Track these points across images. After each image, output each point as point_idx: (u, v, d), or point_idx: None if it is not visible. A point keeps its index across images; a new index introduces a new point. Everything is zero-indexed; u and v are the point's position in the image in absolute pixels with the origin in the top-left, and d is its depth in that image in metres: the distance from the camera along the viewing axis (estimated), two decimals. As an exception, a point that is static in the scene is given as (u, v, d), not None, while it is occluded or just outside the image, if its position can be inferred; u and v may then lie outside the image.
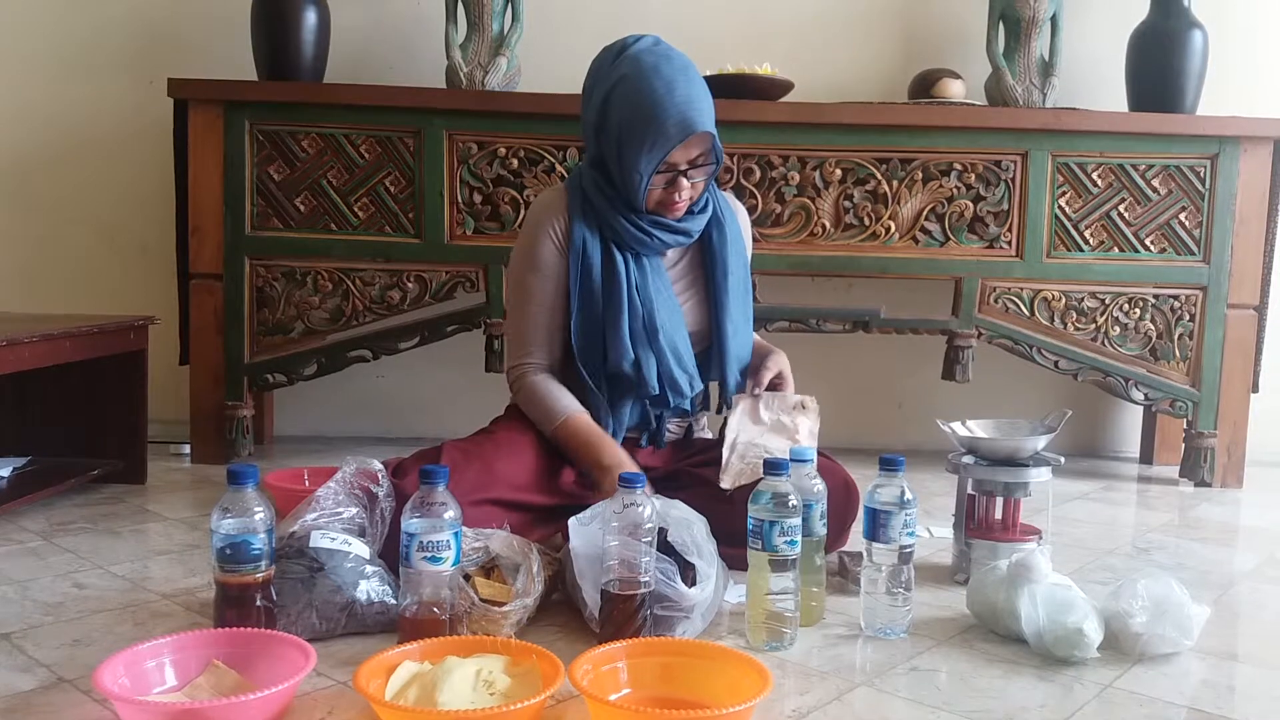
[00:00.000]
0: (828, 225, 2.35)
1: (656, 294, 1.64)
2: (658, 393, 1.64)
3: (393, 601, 1.30)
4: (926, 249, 2.37)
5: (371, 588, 1.30)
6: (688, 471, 1.65)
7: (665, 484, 1.61)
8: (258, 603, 1.21)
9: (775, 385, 1.69)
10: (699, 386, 1.68)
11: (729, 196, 1.81)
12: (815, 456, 1.41)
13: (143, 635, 1.25)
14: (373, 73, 2.61)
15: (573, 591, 1.35)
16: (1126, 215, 2.37)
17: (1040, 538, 1.57)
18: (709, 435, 1.83)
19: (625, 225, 1.61)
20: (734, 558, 1.39)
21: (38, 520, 1.83)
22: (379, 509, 1.41)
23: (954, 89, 2.43)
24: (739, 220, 1.78)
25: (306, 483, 1.89)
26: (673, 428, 1.75)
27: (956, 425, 1.62)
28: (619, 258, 1.62)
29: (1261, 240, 2.38)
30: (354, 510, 1.39)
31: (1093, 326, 2.39)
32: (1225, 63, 2.55)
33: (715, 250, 1.70)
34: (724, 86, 2.33)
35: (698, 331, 1.71)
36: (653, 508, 1.26)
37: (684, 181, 1.57)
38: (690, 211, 1.64)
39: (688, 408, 1.73)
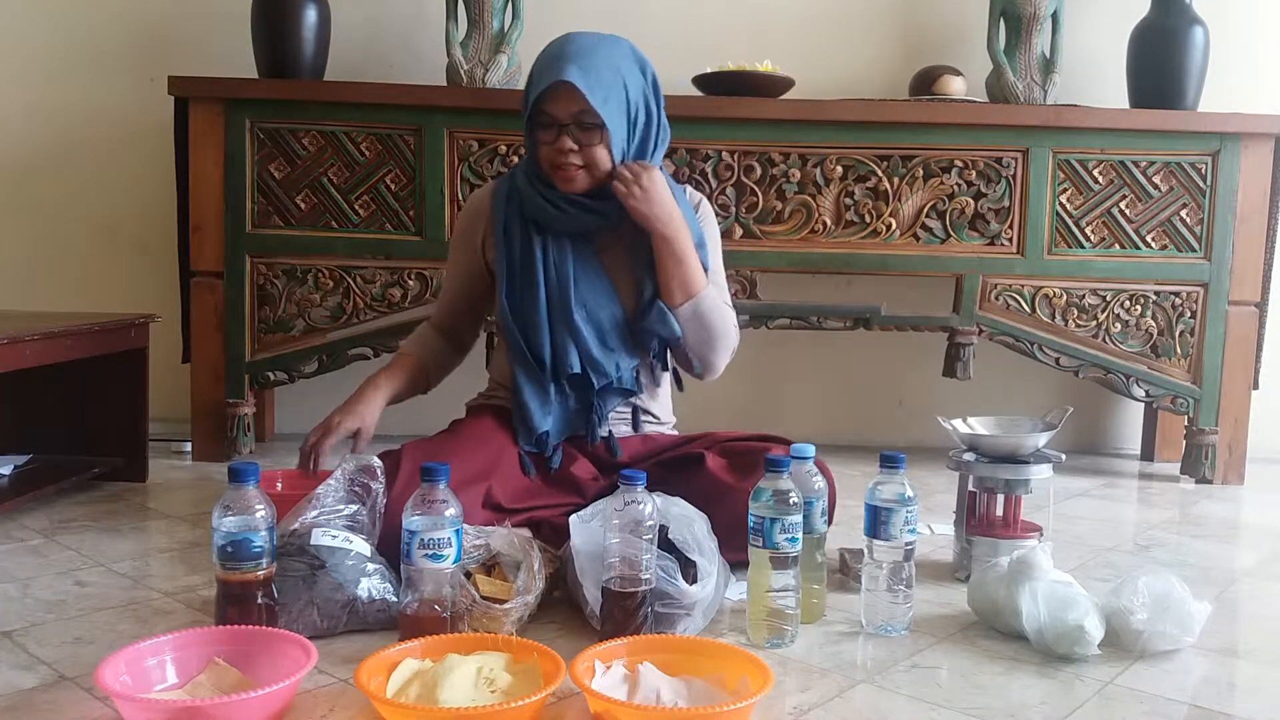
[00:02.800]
0: (828, 222, 2.35)
1: (580, 273, 1.62)
2: (577, 371, 1.60)
3: (394, 599, 1.30)
4: (927, 246, 2.37)
5: (373, 585, 1.30)
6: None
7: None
8: (259, 600, 1.21)
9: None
10: (627, 365, 1.63)
11: (685, 189, 1.76)
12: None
13: (144, 633, 1.25)
14: (373, 70, 2.61)
15: (573, 589, 1.35)
16: (1127, 212, 2.37)
17: (1041, 535, 1.57)
18: (669, 430, 1.76)
19: (540, 202, 1.61)
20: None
21: (39, 518, 1.83)
22: (376, 506, 1.41)
23: (955, 86, 2.43)
24: (690, 203, 1.72)
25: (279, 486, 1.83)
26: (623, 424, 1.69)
27: (957, 422, 1.62)
28: (537, 240, 1.62)
29: (1262, 237, 2.38)
30: (354, 507, 1.39)
31: (1094, 323, 2.39)
32: (1226, 59, 2.55)
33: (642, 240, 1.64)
34: (724, 83, 2.34)
35: (634, 310, 1.64)
36: (654, 505, 1.26)
37: (567, 140, 1.54)
38: (605, 193, 1.59)
39: (630, 386, 1.65)
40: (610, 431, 1.66)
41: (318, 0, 2.38)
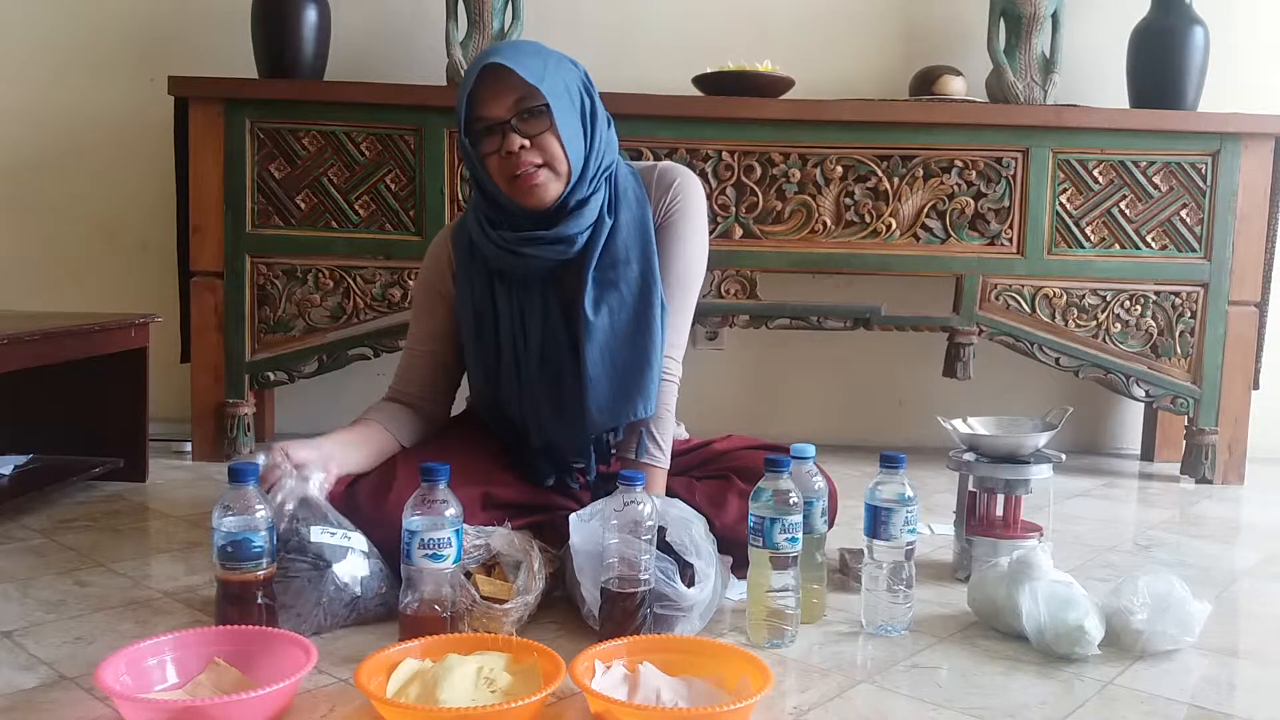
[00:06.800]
0: (829, 222, 2.35)
1: (545, 329, 1.46)
2: (538, 445, 1.51)
3: (387, 589, 1.30)
4: (927, 246, 2.37)
5: (372, 581, 1.30)
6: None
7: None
8: (259, 600, 1.21)
9: None
10: (584, 424, 1.46)
11: (655, 168, 1.53)
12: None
13: (144, 633, 1.25)
14: (373, 71, 2.61)
15: (572, 588, 1.35)
16: (1127, 212, 2.37)
17: (1041, 535, 1.57)
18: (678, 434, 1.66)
19: (494, 249, 1.44)
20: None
21: (39, 518, 1.83)
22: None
23: (955, 86, 2.43)
24: (654, 196, 1.49)
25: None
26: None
27: (957, 422, 1.62)
28: (501, 293, 1.48)
29: (1262, 237, 2.38)
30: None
31: (1094, 323, 2.39)
32: (1226, 59, 2.55)
33: (585, 256, 1.44)
34: (725, 83, 2.34)
35: None
36: (652, 505, 1.26)
37: (514, 138, 1.34)
38: (564, 207, 1.41)
39: (599, 456, 1.52)
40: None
41: (318, 0, 2.38)
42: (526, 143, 1.36)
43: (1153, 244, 2.38)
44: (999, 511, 1.59)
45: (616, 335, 1.44)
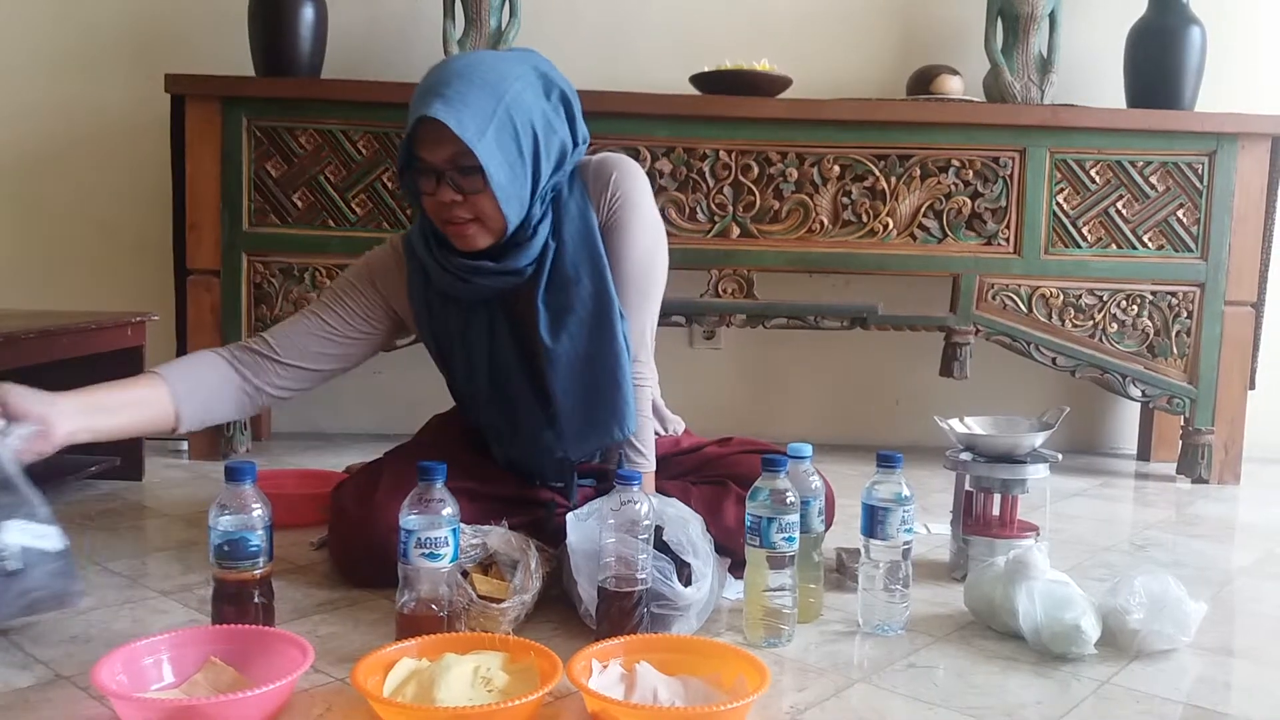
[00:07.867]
0: (825, 222, 2.35)
1: (497, 351, 1.44)
2: (503, 464, 1.50)
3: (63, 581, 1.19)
4: (924, 245, 2.37)
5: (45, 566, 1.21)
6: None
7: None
8: (255, 599, 1.21)
9: None
10: (551, 464, 1.46)
11: (591, 163, 1.45)
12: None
13: (140, 632, 1.25)
14: (370, 68, 2.61)
15: (569, 588, 1.35)
16: (1124, 212, 2.37)
17: (1038, 534, 1.58)
18: (674, 431, 1.67)
19: (441, 273, 1.41)
20: None
21: (35, 517, 1.82)
22: None
23: (952, 85, 2.43)
24: (594, 195, 1.43)
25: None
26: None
27: (954, 422, 1.62)
28: (453, 314, 1.45)
29: (1259, 237, 2.39)
30: None
31: (1090, 323, 2.40)
32: (1223, 59, 2.55)
33: (534, 280, 1.40)
34: (722, 82, 2.34)
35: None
36: (649, 505, 1.26)
37: (446, 190, 1.30)
38: (514, 242, 1.37)
39: (559, 479, 1.51)
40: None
41: (315, -2, 2.38)
42: (459, 198, 1.31)
43: (1149, 244, 2.39)
44: (995, 511, 1.59)
45: (580, 358, 1.40)
